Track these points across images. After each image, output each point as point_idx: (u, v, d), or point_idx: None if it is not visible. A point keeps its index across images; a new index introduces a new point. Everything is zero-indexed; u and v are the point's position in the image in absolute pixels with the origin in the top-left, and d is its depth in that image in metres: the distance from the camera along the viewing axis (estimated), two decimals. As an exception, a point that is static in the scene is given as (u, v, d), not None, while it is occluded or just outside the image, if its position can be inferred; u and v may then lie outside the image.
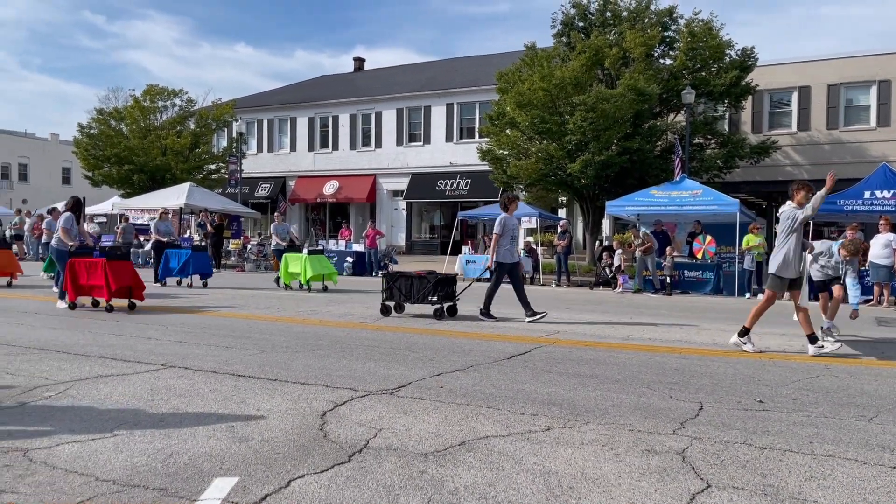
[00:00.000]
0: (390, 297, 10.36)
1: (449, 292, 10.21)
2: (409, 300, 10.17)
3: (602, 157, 21.31)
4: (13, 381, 5.55)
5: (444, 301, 10.12)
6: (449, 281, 10.30)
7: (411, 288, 10.13)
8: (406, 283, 10.21)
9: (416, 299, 10.09)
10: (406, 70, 40.78)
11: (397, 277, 10.40)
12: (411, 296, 10.12)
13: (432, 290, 9.98)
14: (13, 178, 57.52)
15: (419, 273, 10.39)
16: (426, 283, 10.06)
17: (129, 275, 10.65)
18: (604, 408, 5.02)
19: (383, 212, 35.33)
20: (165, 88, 33.45)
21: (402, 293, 10.21)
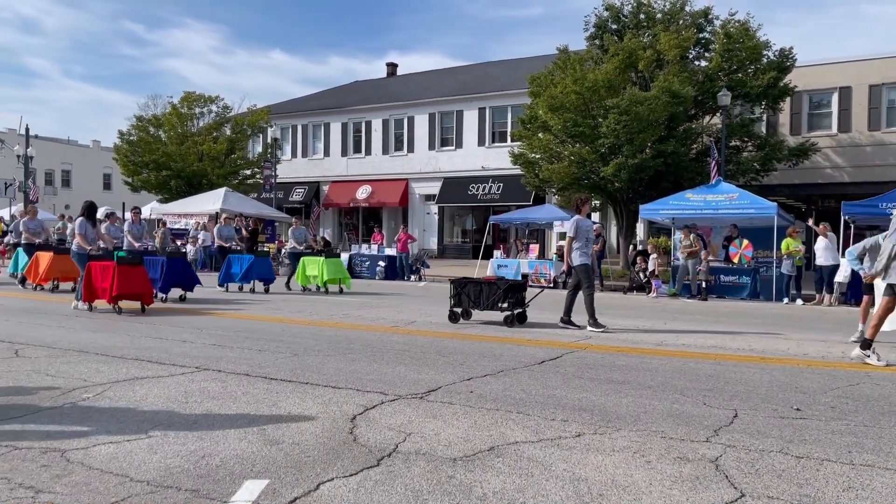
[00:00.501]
0: (458, 303, 10.09)
1: (519, 299, 9.89)
2: (477, 307, 9.90)
3: (636, 161, 21.09)
4: (53, 382, 5.68)
5: (514, 308, 9.81)
6: (519, 287, 9.99)
7: (480, 294, 9.87)
8: (475, 289, 9.94)
9: (486, 306, 9.82)
10: (438, 75, 40.90)
11: (466, 283, 10.13)
12: (480, 302, 9.85)
13: (502, 296, 9.71)
14: (56, 185, 59.04)
15: (488, 279, 10.11)
16: (496, 289, 9.81)
17: (139, 279, 10.94)
18: (635, 414, 4.96)
19: (415, 216, 35.43)
20: (202, 95, 34.05)
21: (470, 299, 9.94)
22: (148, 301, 11.06)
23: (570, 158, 23.08)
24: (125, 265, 10.72)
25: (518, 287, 9.98)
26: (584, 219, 10.19)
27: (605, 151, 22.08)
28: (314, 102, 41.04)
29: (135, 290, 10.77)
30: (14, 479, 3.50)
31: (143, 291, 10.91)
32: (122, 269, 10.61)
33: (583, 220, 10.10)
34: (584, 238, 9.99)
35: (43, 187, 56.96)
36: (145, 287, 11.00)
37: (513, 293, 9.78)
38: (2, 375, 5.91)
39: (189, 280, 12.70)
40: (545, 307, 12.17)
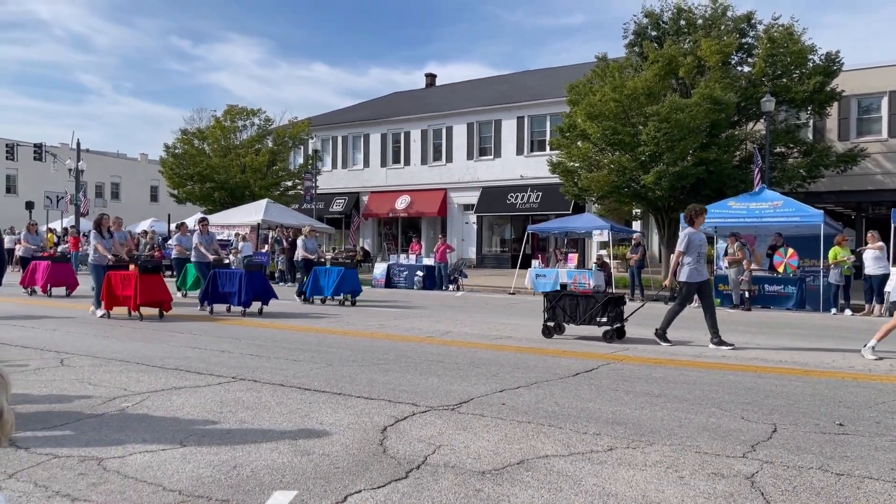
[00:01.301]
0: (552, 316, 9.61)
1: (618, 313, 9.38)
2: (573, 321, 9.42)
3: (676, 169, 20.79)
4: (95, 391, 5.82)
5: (613, 322, 9.31)
6: (618, 301, 9.47)
7: (576, 308, 9.37)
8: (571, 302, 9.44)
9: (583, 320, 9.32)
10: (476, 85, 40.99)
11: (561, 296, 9.63)
12: (577, 316, 9.35)
13: (601, 310, 9.22)
14: (106, 197, 60.67)
15: (585, 292, 9.72)
16: (594, 302, 9.31)
17: (159, 288, 11.56)
18: (670, 428, 4.87)
19: (454, 226, 35.47)
20: (245, 108, 34.71)
21: (566, 313, 9.45)
22: (167, 308, 11.67)
23: (610, 167, 22.86)
24: (146, 274, 11.38)
25: (617, 300, 9.47)
26: (697, 232, 9.43)
27: (646, 159, 21.81)
28: (354, 114, 41.49)
29: (156, 297, 11.46)
30: (52, 487, 3.59)
31: (164, 299, 11.58)
32: (144, 279, 11.27)
33: (696, 234, 9.35)
34: (697, 253, 9.25)
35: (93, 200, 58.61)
36: (165, 295, 11.63)
37: (612, 307, 9.31)
38: (47, 384, 6.09)
39: (266, 293, 12.53)
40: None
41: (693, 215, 9.56)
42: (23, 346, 8.21)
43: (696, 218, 9.51)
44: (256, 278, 12.28)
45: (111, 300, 11.44)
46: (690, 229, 9.46)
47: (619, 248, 24.60)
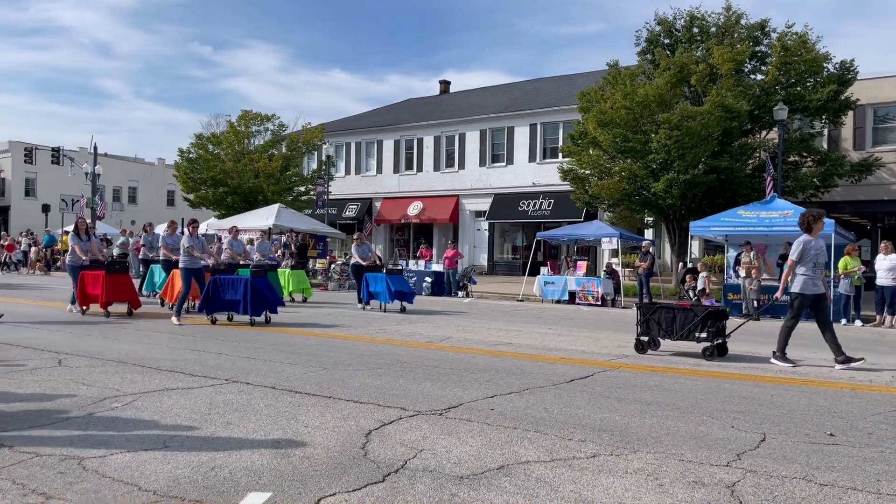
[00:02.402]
0: (646, 330, 8.99)
1: (719, 328, 8.74)
2: (670, 335, 8.81)
3: (687, 177, 20.67)
4: (87, 391, 5.86)
5: (713, 338, 8.65)
6: (719, 315, 8.83)
7: (673, 322, 8.76)
8: (667, 315, 8.84)
9: (680, 335, 8.71)
10: (490, 92, 41.02)
11: (656, 309, 9.02)
12: (673, 331, 8.76)
13: (700, 325, 8.60)
14: (123, 201, 61.36)
15: (683, 305, 9.14)
16: (692, 316, 8.69)
17: (125, 287, 12.39)
18: (657, 436, 4.82)
19: (466, 232, 35.46)
20: (259, 114, 34.92)
21: (661, 327, 8.86)
22: (135, 306, 12.56)
23: (621, 174, 22.78)
24: (112, 274, 12.17)
25: (718, 315, 8.82)
26: (815, 240, 8.58)
27: (656, 167, 21.71)
28: (367, 120, 41.65)
29: (123, 296, 12.30)
30: (29, 486, 3.61)
31: (131, 298, 12.48)
32: (110, 278, 12.06)
33: (812, 242, 8.51)
34: (812, 263, 8.47)
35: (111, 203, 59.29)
36: (132, 294, 12.56)
37: (712, 321, 8.65)
38: (41, 383, 6.13)
39: (274, 300, 11.75)
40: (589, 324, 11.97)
41: (810, 221, 8.68)
42: (24, 347, 8.28)
43: (813, 224, 8.65)
44: (262, 284, 11.52)
45: (84, 298, 12.27)
46: (806, 236, 8.60)
47: (629, 255, 24.45)
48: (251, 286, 11.15)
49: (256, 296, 11.13)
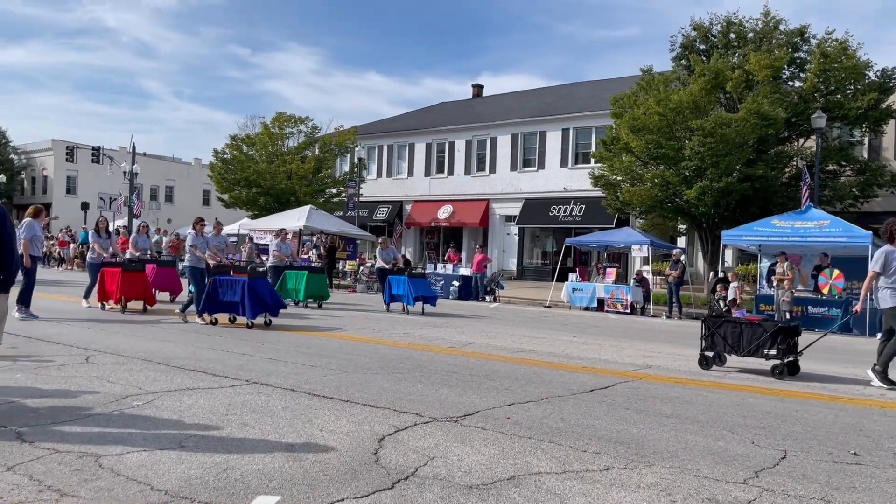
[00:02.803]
0: (711, 345, 8.57)
1: (790, 345, 8.31)
2: (735, 351, 8.35)
3: (721, 184, 20.37)
4: (111, 388, 5.96)
5: (784, 355, 8.20)
6: (791, 331, 8.38)
7: (740, 337, 8.29)
8: (733, 330, 8.38)
9: (747, 351, 8.25)
10: (522, 96, 40.92)
11: (721, 323, 8.59)
12: (740, 347, 8.30)
13: (769, 341, 8.12)
14: (160, 199, 62.51)
15: (752, 319, 8.68)
16: (761, 332, 8.21)
17: (141, 284, 12.79)
18: (674, 450, 4.74)
19: (496, 237, 35.40)
20: (293, 116, 35.32)
21: (726, 342, 8.40)
22: (150, 303, 12.99)
23: (653, 181, 22.54)
24: (128, 272, 12.57)
25: (789, 331, 8.38)
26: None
27: (689, 174, 21.44)
28: (400, 123, 41.85)
29: (138, 293, 12.67)
30: (45, 482, 3.68)
31: (146, 295, 12.89)
32: (126, 275, 12.46)
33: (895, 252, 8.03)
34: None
35: (148, 202, 60.47)
36: (147, 292, 12.94)
37: (783, 337, 8.16)
38: (67, 380, 6.26)
39: (275, 303, 11.42)
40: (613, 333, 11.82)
41: (893, 230, 8.17)
42: (54, 343, 8.47)
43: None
44: (261, 286, 11.19)
45: (102, 293, 12.63)
46: (889, 246, 8.10)
47: (660, 263, 24.18)
48: (249, 288, 10.83)
49: (254, 298, 10.80)
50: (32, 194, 57.43)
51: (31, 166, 58.22)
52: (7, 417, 4.89)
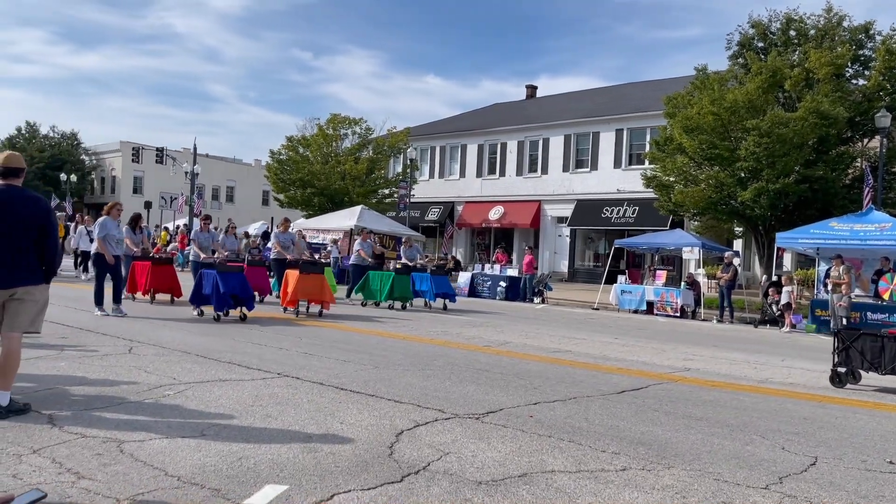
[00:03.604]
0: (846, 360, 7.75)
1: None
2: (876, 368, 7.48)
3: (777, 186, 19.72)
4: (147, 378, 6.15)
5: None
6: None
7: (881, 352, 7.43)
8: (873, 344, 7.54)
9: (889, 369, 7.40)
10: (575, 97, 40.50)
11: (858, 336, 7.76)
12: (881, 364, 7.43)
13: None
14: (222, 199, 64.14)
15: (894, 332, 7.76)
16: None
17: (169, 277, 13.38)
18: (696, 452, 4.62)
19: (547, 238, 35.10)
20: (347, 117, 35.77)
21: (864, 358, 7.57)
22: (177, 294, 13.42)
23: (707, 182, 21.98)
24: (158, 265, 13.24)
25: None
26: None
27: (744, 175, 20.84)
28: (453, 124, 41.93)
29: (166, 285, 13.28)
30: (66, 465, 3.82)
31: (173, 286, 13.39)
32: (155, 269, 13.10)
33: None
34: None
35: (209, 202, 62.17)
36: (174, 284, 13.43)
37: None
38: (108, 369, 6.48)
39: (246, 297, 11.13)
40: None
41: None
42: (102, 334, 8.78)
43: None
44: (232, 280, 11.00)
45: (132, 285, 13.27)
46: None
47: (713, 266, 23.55)
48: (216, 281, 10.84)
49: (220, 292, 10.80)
50: (102, 193, 59.68)
51: (101, 167, 60.49)
52: (44, 403, 5.09)
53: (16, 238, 4.73)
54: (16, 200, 4.75)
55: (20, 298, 4.77)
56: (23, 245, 4.75)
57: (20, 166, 4.86)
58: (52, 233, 4.90)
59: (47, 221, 4.87)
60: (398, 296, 15.02)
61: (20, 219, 4.75)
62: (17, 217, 4.74)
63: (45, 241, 4.86)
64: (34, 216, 4.80)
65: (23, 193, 4.81)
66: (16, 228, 4.73)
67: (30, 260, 4.78)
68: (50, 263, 4.94)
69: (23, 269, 4.74)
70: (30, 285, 4.78)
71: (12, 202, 4.73)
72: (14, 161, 4.85)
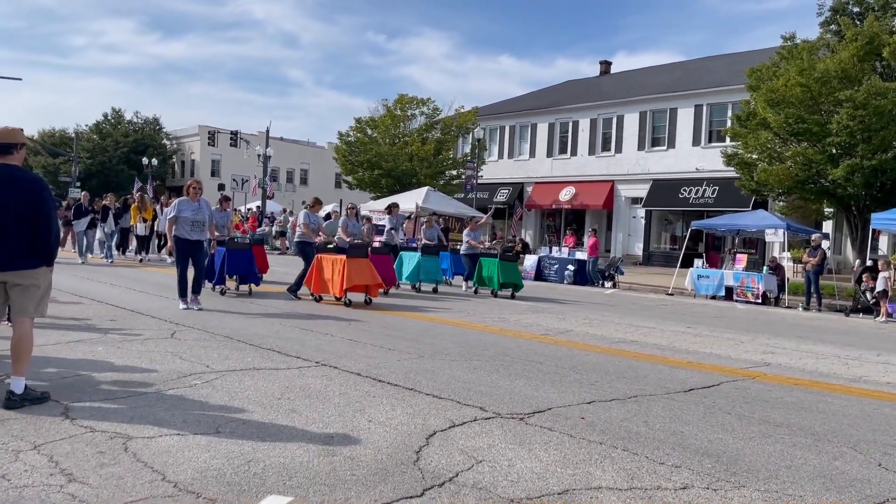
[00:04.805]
0: None
1: None
2: None
3: (873, 162, 18.19)
4: (179, 366, 5.87)
5: None
6: None
7: None
8: None
9: None
10: (651, 72, 38.80)
11: None
12: None
13: None
14: (296, 182, 65.18)
15: None
16: None
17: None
18: (774, 468, 3.96)
19: (620, 220, 33.89)
20: (414, 98, 35.36)
21: None
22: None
23: (793, 159, 20.51)
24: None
25: None
26: None
27: (836, 152, 19.31)
28: (522, 103, 40.93)
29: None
30: (61, 464, 3.51)
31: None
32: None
33: None
34: None
35: (284, 184, 63.26)
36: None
37: None
38: (143, 355, 6.25)
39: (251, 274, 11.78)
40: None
41: None
42: (151, 316, 8.65)
43: None
44: (239, 256, 11.56)
45: None
46: None
47: (799, 250, 22.06)
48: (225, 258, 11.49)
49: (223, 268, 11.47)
50: (182, 177, 61.50)
51: (181, 151, 62.30)
52: (66, 391, 4.85)
53: (7, 220, 4.45)
54: (5, 180, 4.45)
55: (19, 284, 4.51)
56: (15, 228, 4.46)
57: (12, 141, 4.54)
58: (46, 214, 4.57)
59: (41, 202, 4.55)
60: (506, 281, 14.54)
61: (10, 200, 4.45)
62: (7, 198, 4.44)
63: (39, 222, 4.54)
64: (26, 197, 4.49)
65: (13, 172, 4.50)
66: (6, 210, 4.44)
67: (24, 243, 4.50)
68: (46, 246, 4.62)
69: (17, 253, 4.47)
70: (26, 269, 4.51)
71: (1, 182, 4.45)
72: (4, 136, 4.53)
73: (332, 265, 11.11)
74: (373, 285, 11.28)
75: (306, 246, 11.94)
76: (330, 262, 11.15)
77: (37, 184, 4.57)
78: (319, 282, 11.27)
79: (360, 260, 11.18)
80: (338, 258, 11.04)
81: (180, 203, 9.81)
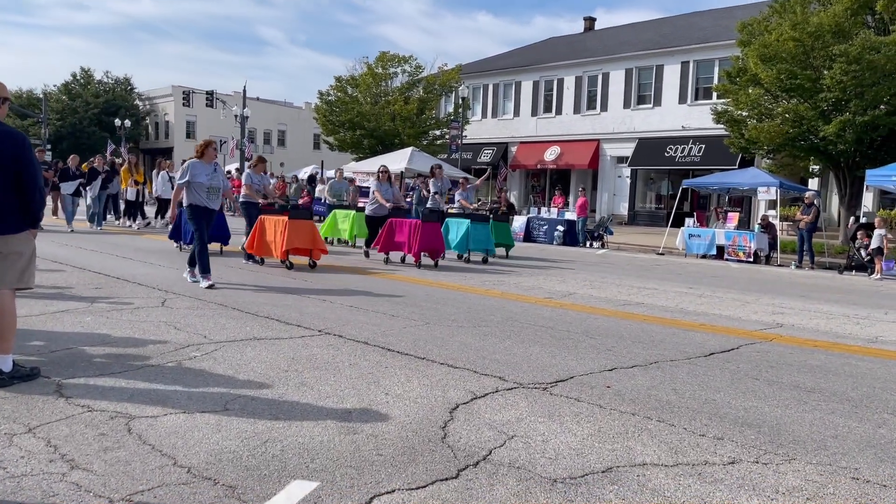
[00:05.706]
0: None
1: None
2: None
3: (866, 118, 18.02)
4: (176, 336, 5.55)
5: None
6: None
7: None
8: None
9: None
10: (637, 28, 38.23)
11: None
12: None
13: None
14: (273, 144, 64.01)
15: None
16: None
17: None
18: (821, 438, 3.76)
19: (606, 179, 33.68)
20: (396, 55, 34.55)
21: None
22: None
23: (784, 116, 20.28)
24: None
25: None
26: None
27: (828, 107, 19.11)
28: (506, 61, 40.23)
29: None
30: (61, 449, 3.21)
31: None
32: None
33: None
34: None
35: (261, 146, 62.03)
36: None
37: None
38: (136, 325, 5.91)
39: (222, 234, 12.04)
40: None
41: None
42: (138, 283, 8.27)
43: None
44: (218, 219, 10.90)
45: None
46: None
47: (788, 208, 22.01)
48: None
49: None
50: (156, 139, 60.14)
51: (155, 112, 60.76)
52: (57, 367, 4.52)
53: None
54: None
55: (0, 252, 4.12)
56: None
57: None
58: (29, 172, 4.17)
59: (23, 159, 4.14)
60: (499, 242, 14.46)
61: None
62: None
63: (21, 182, 4.15)
64: (9, 152, 4.09)
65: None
66: None
67: (8, 204, 4.11)
68: (28, 207, 4.23)
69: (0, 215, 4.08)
70: (7, 234, 4.12)
71: None
72: None
73: (274, 226, 10.52)
74: (315, 249, 10.59)
75: (250, 206, 11.17)
76: (273, 224, 10.54)
77: (18, 138, 4.15)
78: (262, 244, 10.64)
79: (303, 222, 10.49)
80: (280, 219, 10.41)
81: (193, 166, 8.43)
